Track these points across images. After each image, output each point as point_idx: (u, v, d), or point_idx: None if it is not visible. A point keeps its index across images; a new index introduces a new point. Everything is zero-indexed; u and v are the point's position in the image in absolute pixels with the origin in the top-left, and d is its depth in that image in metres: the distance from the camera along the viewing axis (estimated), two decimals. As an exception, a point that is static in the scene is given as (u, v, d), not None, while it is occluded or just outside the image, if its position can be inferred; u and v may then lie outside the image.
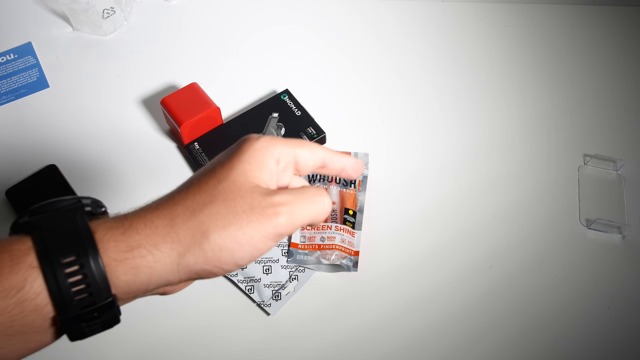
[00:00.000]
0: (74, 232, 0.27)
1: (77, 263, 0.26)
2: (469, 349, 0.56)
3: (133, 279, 0.28)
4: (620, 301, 0.59)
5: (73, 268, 0.26)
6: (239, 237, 0.29)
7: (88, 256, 0.27)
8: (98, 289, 0.27)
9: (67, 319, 0.27)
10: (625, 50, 0.79)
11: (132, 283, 0.28)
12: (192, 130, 0.65)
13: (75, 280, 0.26)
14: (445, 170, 0.67)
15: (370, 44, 0.78)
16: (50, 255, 0.26)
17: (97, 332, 0.29)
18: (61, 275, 0.26)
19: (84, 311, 0.27)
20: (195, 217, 0.29)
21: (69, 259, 0.26)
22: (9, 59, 0.75)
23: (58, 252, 0.26)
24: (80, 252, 0.27)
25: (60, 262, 0.26)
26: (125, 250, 0.28)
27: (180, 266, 0.29)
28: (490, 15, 0.82)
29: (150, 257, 0.28)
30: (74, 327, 0.27)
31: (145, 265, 0.28)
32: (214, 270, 0.29)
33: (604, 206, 0.65)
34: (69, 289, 0.26)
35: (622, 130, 0.71)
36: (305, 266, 0.60)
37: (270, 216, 0.29)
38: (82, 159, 0.67)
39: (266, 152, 0.31)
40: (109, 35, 0.78)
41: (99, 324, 0.28)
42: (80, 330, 0.28)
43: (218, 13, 0.81)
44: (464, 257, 0.61)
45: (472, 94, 0.74)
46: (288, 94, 0.70)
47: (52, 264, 0.26)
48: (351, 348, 0.56)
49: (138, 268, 0.28)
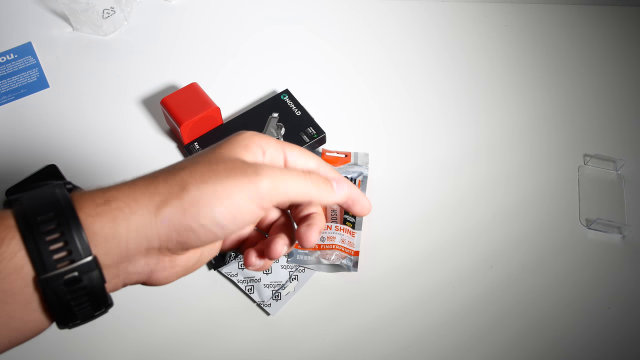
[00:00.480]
0: (51, 196, 0.27)
1: (54, 221, 0.26)
2: (469, 349, 0.56)
3: (111, 234, 0.27)
4: (620, 301, 0.59)
5: (50, 226, 0.26)
6: (217, 190, 0.29)
7: (65, 213, 0.26)
8: (75, 244, 0.26)
9: (47, 280, 0.26)
10: (625, 50, 0.79)
11: (111, 240, 0.27)
12: (192, 130, 0.65)
13: (53, 238, 0.26)
14: (445, 170, 0.67)
15: (370, 44, 0.78)
16: (28, 216, 0.26)
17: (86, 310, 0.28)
18: (37, 232, 0.26)
19: (64, 270, 0.26)
20: (175, 175, 0.29)
21: (46, 217, 0.26)
22: (9, 59, 0.75)
23: (35, 212, 0.26)
24: (57, 210, 0.26)
25: (37, 220, 0.26)
26: (101, 204, 0.27)
27: (158, 218, 0.28)
28: (490, 15, 0.82)
29: (127, 210, 0.28)
30: (57, 293, 0.26)
31: (122, 218, 0.27)
32: (194, 226, 0.28)
33: (604, 206, 0.65)
34: (47, 246, 0.26)
35: (622, 130, 0.71)
36: (305, 266, 0.60)
37: (251, 175, 0.29)
38: (82, 159, 0.67)
39: (252, 140, 0.32)
40: (109, 35, 0.78)
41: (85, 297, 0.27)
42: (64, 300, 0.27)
43: (218, 13, 0.81)
44: (464, 257, 0.61)
45: (472, 94, 0.74)
46: (288, 94, 0.70)
47: (29, 222, 0.26)
48: (351, 348, 0.56)
49: (115, 221, 0.27)
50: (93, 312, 0.28)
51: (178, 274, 0.31)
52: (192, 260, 0.32)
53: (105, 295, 0.28)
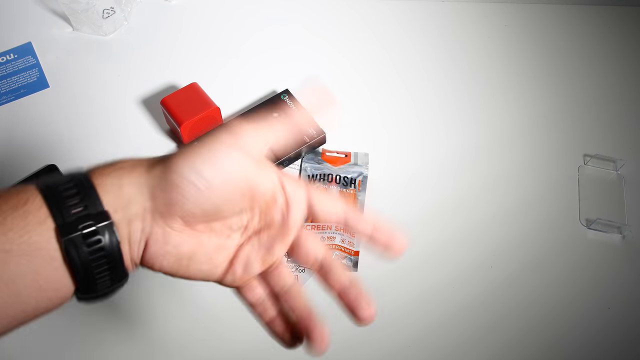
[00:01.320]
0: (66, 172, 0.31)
1: (72, 184, 0.29)
2: (469, 349, 0.56)
3: (117, 189, 0.30)
4: (620, 301, 0.59)
5: (68, 186, 0.29)
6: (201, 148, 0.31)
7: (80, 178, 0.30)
8: (90, 199, 0.29)
9: (65, 226, 0.28)
10: (625, 50, 0.79)
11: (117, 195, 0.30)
12: (192, 130, 0.65)
13: (70, 194, 0.29)
14: (445, 170, 0.67)
15: (370, 44, 0.78)
16: (49, 183, 0.29)
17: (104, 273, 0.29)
18: (56, 191, 0.29)
19: (80, 215, 0.28)
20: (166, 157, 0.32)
21: (66, 184, 0.29)
22: (9, 59, 0.75)
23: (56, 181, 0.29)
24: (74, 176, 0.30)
25: (57, 185, 0.29)
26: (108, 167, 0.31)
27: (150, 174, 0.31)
28: (490, 15, 0.82)
29: (129, 168, 0.31)
30: (75, 244, 0.28)
31: (125, 175, 0.31)
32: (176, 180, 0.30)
33: (604, 206, 0.65)
34: (64, 200, 0.29)
35: (622, 130, 0.71)
36: (305, 266, 0.60)
37: (232, 127, 0.32)
38: (82, 159, 0.67)
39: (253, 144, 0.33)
40: (109, 35, 0.78)
41: (103, 258, 0.29)
42: (83, 256, 0.28)
43: (218, 13, 0.81)
44: (464, 257, 0.61)
45: (472, 94, 0.74)
46: (288, 94, 0.70)
47: (49, 187, 0.29)
48: (351, 348, 0.56)
49: (120, 178, 0.30)
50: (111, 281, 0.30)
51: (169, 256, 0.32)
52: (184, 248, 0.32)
53: (122, 258, 0.30)
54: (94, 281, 0.29)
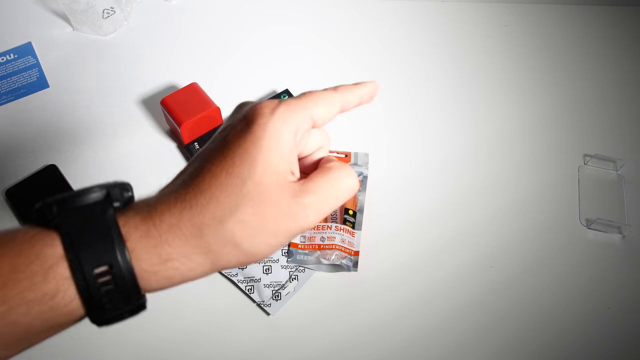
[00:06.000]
0: (105, 240, 0.27)
1: (110, 273, 0.26)
2: (469, 349, 0.56)
3: (166, 285, 0.29)
4: (620, 301, 0.59)
5: (106, 278, 0.26)
6: (271, 242, 0.29)
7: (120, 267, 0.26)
8: (129, 296, 0.27)
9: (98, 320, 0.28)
10: (625, 50, 0.79)
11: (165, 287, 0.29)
12: (192, 130, 0.65)
13: (108, 289, 0.27)
14: (445, 170, 0.67)
15: (370, 44, 0.78)
16: (83, 266, 0.26)
17: (124, 320, 0.29)
18: (94, 286, 0.26)
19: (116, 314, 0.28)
20: (224, 227, 0.28)
21: (102, 269, 0.26)
22: (9, 59, 0.75)
23: (91, 262, 0.26)
24: (113, 262, 0.26)
25: (93, 273, 0.26)
26: (157, 264, 0.28)
27: (213, 269, 0.29)
28: (490, 15, 0.82)
29: (183, 268, 0.28)
30: (104, 324, 0.28)
31: (178, 275, 0.28)
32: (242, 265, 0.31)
33: (604, 206, 0.65)
34: (102, 298, 0.27)
35: (622, 130, 0.71)
36: (305, 266, 0.60)
37: (302, 221, 0.29)
38: (82, 159, 0.67)
39: (284, 131, 0.29)
40: (109, 35, 0.78)
41: (127, 315, 0.29)
42: (108, 324, 0.29)
43: (218, 13, 0.81)
44: (464, 257, 0.61)
45: (472, 94, 0.74)
46: (288, 94, 0.70)
47: (84, 276, 0.26)
48: (351, 348, 0.56)
49: (171, 277, 0.28)
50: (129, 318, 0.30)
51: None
52: None
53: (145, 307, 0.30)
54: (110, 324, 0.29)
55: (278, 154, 0.28)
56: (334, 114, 0.32)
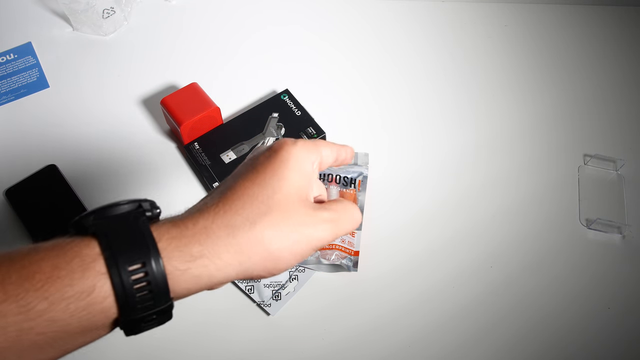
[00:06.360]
0: (139, 241, 0.29)
1: (143, 271, 0.28)
2: (469, 349, 0.56)
3: (193, 286, 0.30)
4: (620, 301, 0.59)
5: (139, 275, 0.28)
6: (294, 249, 0.32)
7: (152, 265, 0.28)
8: (159, 295, 0.29)
9: (129, 321, 0.29)
10: (625, 50, 0.79)
11: (192, 289, 0.30)
12: (192, 130, 0.65)
13: (140, 286, 0.28)
14: (445, 170, 0.67)
15: (370, 44, 0.78)
16: (118, 263, 0.28)
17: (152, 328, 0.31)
18: (128, 283, 0.28)
19: (145, 314, 0.29)
20: (255, 229, 0.31)
21: (135, 267, 0.28)
22: (9, 59, 0.75)
23: (125, 260, 0.28)
24: (146, 261, 0.28)
25: (127, 269, 0.28)
26: (188, 261, 0.30)
27: (239, 272, 0.31)
28: (490, 15, 0.82)
29: (212, 267, 0.30)
30: (134, 327, 0.30)
31: (206, 274, 0.30)
32: (264, 275, 0.32)
33: (604, 206, 0.65)
34: (134, 296, 0.28)
35: (622, 130, 0.71)
36: (305, 266, 0.60)
37: (320, 232, 0.33)
38: (82, 159, 0.67)
39: (307, 160, 0.35)
40: (109, 35, 0.78)
41: (155, 322, 0.30)
42: (137, 328, 0.30)
43: (218, 13, 0.81)
44: (464, 257, 0.61)
45: (472, 94, 0.74)
46: (288, 94, 0.70)
47: (119, 272, 0.28)
48: (351, 348, 0.56)
49: (200, 277, 0.30)
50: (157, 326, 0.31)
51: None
52: None
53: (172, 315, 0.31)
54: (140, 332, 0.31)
55: (300, 175, 0.34)
56: (333, 160, 0.38)
